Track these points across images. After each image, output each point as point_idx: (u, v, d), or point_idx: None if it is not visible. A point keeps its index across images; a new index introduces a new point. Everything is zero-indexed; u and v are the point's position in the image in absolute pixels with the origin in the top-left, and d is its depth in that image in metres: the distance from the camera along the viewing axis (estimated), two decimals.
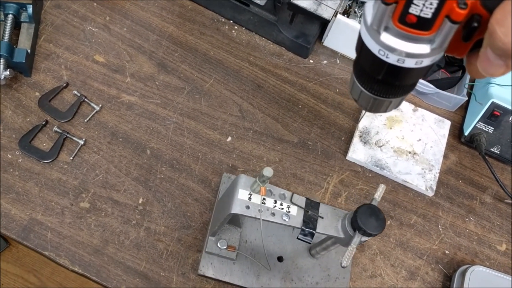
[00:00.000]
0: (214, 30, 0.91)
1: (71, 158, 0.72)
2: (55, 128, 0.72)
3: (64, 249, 0.66)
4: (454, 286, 0.74)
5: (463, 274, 0.73)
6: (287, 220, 0.58)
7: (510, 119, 0.86)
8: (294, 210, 0.59)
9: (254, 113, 0.84)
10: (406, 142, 0.88)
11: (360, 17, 0.99)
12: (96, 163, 0.73)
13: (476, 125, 0.88)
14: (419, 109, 0.93)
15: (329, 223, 0.60)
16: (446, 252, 0.80)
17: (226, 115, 0.83)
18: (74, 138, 0.73)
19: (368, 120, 0.88)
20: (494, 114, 0.86)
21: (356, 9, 0.99)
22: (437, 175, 0.86)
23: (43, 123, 0.73)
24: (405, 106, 0.92)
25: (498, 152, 0.89)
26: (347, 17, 0.96)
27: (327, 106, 0.89)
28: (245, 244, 0.72)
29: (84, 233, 0.68)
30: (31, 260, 1.50)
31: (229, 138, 0.81)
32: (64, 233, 0.67)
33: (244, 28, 0.93)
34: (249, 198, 0.58)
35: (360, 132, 0.86)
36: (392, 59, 0.38)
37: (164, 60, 0.85)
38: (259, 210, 0.58)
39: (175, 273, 0.68)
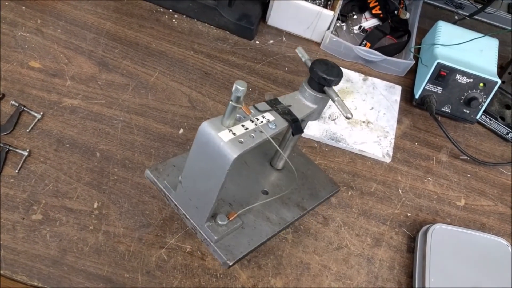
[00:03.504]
0: (154, 21, 0.89)
1: (17, 171, 0.69)
2: None
3: (20, 265, 0.64)
4: (418, 246, 0.75)
5: (425, 233, 0.75)
6: (274, 127, 0.54)
7: (457, 77, 0.87)
8: (269, 116, 0.55)
9: (204, 101, 0.83)
10: (359, 112, 0.88)
11: None
12: (44, 172, 0.70)
13: (426, 87, 0.89)
14: (369, 77, 0.93)
15: (298, 105, 0.58)
16: (408, 214, 0.81)
17: (175, 107, 0.81)
18: (17, 150, 0.70)
19: None
20: (441, 75, 0.87)
21: None
22: (393, 140, 0.87)
23: None
24: (355, 76, 0.92)
25: (449, 111, 0.90)
26: None
27: (277, 86, 0.88)
28: (232, 206, 0.63)
29: (40, 245, 0.66)
30: None
31: (181, 130, 0.79)
32: (18, 248, 0.65)
33: (184, 16, 0.91)
34: (234, 134, 0.51)
35: None
36: None
37: (105, 58, 0.82)
38: (251, 136, 0.52)
39: (139, 273, 0.67)
